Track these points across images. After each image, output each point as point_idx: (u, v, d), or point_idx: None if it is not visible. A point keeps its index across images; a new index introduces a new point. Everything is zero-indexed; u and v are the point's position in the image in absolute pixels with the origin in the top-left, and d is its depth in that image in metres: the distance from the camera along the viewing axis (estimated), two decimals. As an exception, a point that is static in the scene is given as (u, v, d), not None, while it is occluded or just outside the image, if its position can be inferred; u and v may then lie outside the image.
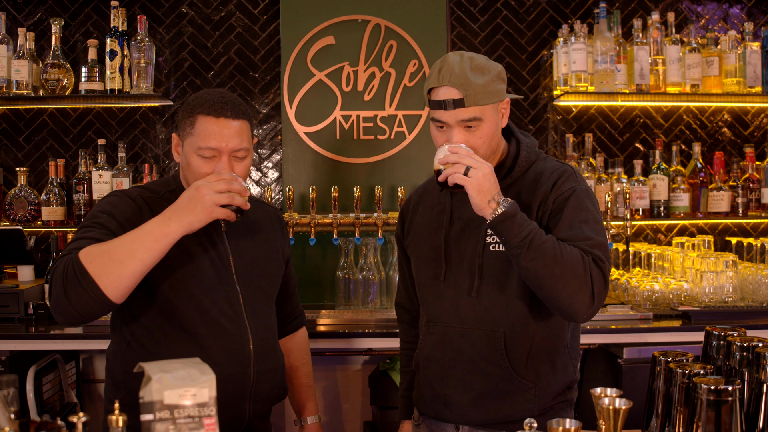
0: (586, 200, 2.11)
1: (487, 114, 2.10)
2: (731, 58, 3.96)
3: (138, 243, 1.91)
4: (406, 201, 2.46)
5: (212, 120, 2.08)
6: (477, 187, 1.97)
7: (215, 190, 1.94)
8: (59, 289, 1.91)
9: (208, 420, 1.39)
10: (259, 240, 2.31)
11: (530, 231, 1.97)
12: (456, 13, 4.13)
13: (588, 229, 2.05)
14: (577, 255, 1.97)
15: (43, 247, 4.03)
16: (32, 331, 3.32)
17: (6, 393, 1.33)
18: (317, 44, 3.94)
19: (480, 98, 2.06)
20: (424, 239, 2.28)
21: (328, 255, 3.92)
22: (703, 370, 1.66)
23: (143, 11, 4.04)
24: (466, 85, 2.05)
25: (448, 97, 2.07)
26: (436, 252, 2.23)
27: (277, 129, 4.10)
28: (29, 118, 4.10)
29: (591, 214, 2.09)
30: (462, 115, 2.07)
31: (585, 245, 2.01)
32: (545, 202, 2.12)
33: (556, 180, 2.14)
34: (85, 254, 1.90)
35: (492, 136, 2.12)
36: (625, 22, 4.11)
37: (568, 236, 2.02)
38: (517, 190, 2.18)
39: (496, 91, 2.10)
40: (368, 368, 3.83)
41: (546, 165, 2.21)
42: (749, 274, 3.62)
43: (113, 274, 1.89)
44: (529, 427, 1.58)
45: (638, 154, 4.19)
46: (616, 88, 3.88)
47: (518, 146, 2.22)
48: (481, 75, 2.08)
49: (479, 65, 2.09)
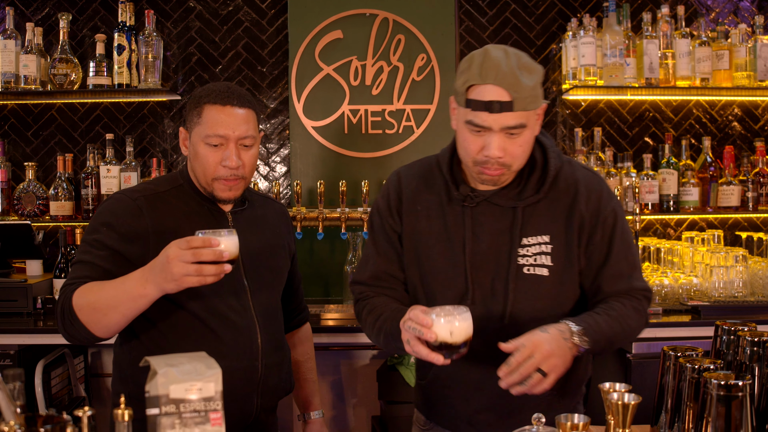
0: (625, 225, 2.05)
1: (531, 120, 1.90)
2: (741, 52, 3.93)
3: (119, 299, 1.96)
4: (395, 181, 2.20)
5: (219, 108, 2.10)
6: (561, 369, 1.80)
7: (184, 261, 1.85)
8: (59, 324, 2.05)
9: (214, 414, 1.39)
10: (266, 235, 2.32)
11: (606, 334, 1.90)
12: (464, 7, 4.11)
13: (636, 273, 2.04)
14: (638, 316, 2.00)
15: (52, 242, 4.03)
16: (41, 325, 3.33)
17: (12, 387, 1.33)
18: (325, 38, 3.93)
19: (528, 102, 1.86)
20: (438, 253, 2.06)
21: (336, 249, 3.91)
22: (712, 365, 1.65)
23: (151, 6, 4.03)
24: (516, 86, 1.83)
25: (494, 98, 1.84)
26: (456, 270, 2.03)
27: (285, 123, 4.09)
28: (37, 113, 4.10)
29: (633, 248, 2.06)
30: (508, 120, 1.85)
31: (639, 294, 2.02)
32: (592, 231, 2.01)
33: (597, 206, 2.02)
34: (76, 300, 1.99)
35: (530, 144, 1.94)
36: (635, 15, 4.09)
37: (623, 288, 2.01)
38: (549, 203, 2.02)
39: (539, 95, 1.91)
40: (376, 363, 3.82)
41: (576, 174, 2.05)
42: (759, 269, 3.60)
43: (100, 323, 1.99)
44: (537, 421, 1.57)
45: (648, 148, 4.17)
46: (625, 82, 3.86)
47: (545, 152, 2.04)
48: (529, 75, 1.87)
49: (526, 64, 1.88)
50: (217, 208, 2.22)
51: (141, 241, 2.09)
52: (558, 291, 2.01)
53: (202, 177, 2.15)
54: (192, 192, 2.21)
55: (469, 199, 2.03)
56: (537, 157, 2.02)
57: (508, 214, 2.01)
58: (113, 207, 2.15)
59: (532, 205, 2.00)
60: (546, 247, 1.99)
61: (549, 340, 1.79)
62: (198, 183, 2.19)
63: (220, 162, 2.11)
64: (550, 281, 1.99)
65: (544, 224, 2.00)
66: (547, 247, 1.99)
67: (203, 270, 1.85)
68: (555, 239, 1.99)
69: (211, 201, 2.21)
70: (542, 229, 2.00)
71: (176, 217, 2.15)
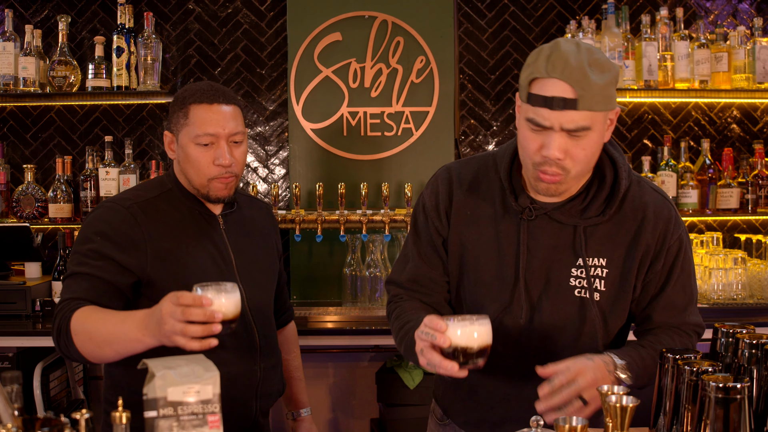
0: (689, 255, 1.94)
1: (597, 123, 1.74)
2: (740, 54, 3.93)
3: (117, 338, 1.89)
4: (446, 178, 2.03)
5: (206, 107, 2.09)
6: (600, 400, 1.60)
7: (174, 318, 1.72)
8: (54, 340, 1.99)
9: (212, 417, 1.39)
10: (256, 237, 2.31)
11: (650, 371, 1.79)
12: (463, 9, 4.12)
13: (691, 308, 1.94)
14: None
15: (51, 244, 4.03)
16: (39, 327, 3.32)
17: (10, 389, 1.33)
18: (324, 41, 3.93)
19: (596, 102, 1.70)
20: (486, 264, 1.95)
21: (335, 252, 3.91)
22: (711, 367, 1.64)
23: (150, 8, 4.04)
24: (583, 83, 1.69)
25: (558, 94, 1.70)
26: (504, 284, 1.93)
27: (284, 126, 4.09)
28: (36, 115, 4.10)
29: (693, 280, 1.95)
30: (571, 120, 1.70)
31: (690, 329, 1.94)
32: (655, 259, 1.90)
33: (664, 234, 1.89)
34: (74, 325, 1.93)
35: (596, 150, 1.79)
36: (634, 17, 4.09)
37: (675, 322, 1.92)
38: (613, 226, 1.90)
39: (611, 96, 1.75)
40: (375, 365, 3.82)
41: (644, 197, 1.91)
42: (758, 271, 3.60)
43: (93, 353, 1.94)
44: (536, 424, 1.57)
45: (646, 150, 4.17)
46: (624, 84, 3.86)
47: (616, 170, 1.88)
48: (600, 73, 1.71)
49: (599, 60, 1.73)
50: (208, 211, 2.19)
51: (138, 250, 2.05)
52: (605, 318, 1.92)
53: (196, 179, 2.13)
54: (181, 196, 2.18)
55: (527, 212, 1.90)
56: (607, 174, 1.88)
57: (568, 232, 1.90)
58: (106, 216, 2.09)
59: (594, 226, 1.88)
60: (602, 271, 1.89)
61: (594, 369, 1.71)
62: (190, 185, 2.17)
63: (213, 161, 2.09)
64: (600, 307, 1.90)
65: (604, 248, 1.89)
66: (603, 272, 1.89)
67: (187, 330, 1.71)
68: (611, 264, 1.89)
69: (201, 204, 2.18)
70: (601, 252, 1.89)
71: (169, 225, 2.12)
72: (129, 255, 2.04)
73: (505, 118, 4.13)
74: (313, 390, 3.82)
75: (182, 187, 2.19)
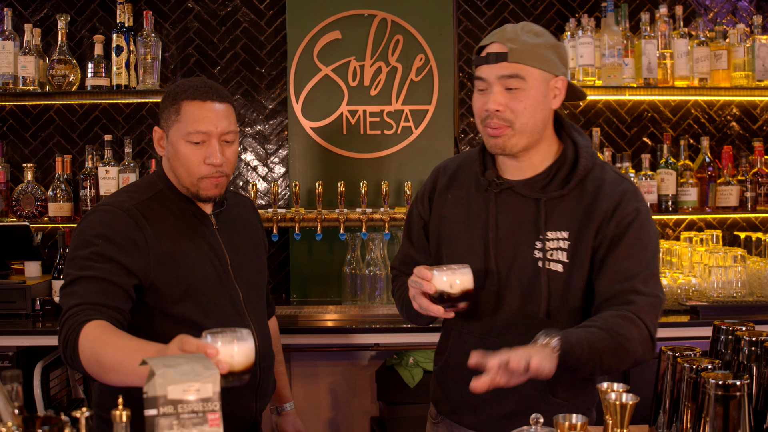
0: (645, 226, 1.97)
1: (533, 78, 1.92)
2: (740, 52, 3.93)
3: (125, 368, 1.77)
4: (435, 170, 2.24)
5: (199, 104, 2.05)
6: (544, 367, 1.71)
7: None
8: (62, 351, 1.91)
9: (212, 415, 1.39)
10: (246, 235, 2.29)
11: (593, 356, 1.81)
12: (462, 7, 4.11)
13: (644, 275, 1.92)
14: (636, 332, 1.85)
15: (50, 243, 4.03)
16: (39, 326, 3.33)
17: (10, 388, 1.33)
18: (323, 39, 3.93)
19: (525, 56, 1.91)
20: (459, 238, 2.09)
21: (334, 250, 3.91)
22: (711, 364, 1.65)
23: (149, 7, 4.04)
24: (514, 40, 1.91)
25: (491, 51, 1.93)
26: (474, 256, 2.03)
27: (284, 124, 4.09)
28: (36, 114, 4.10)
29: (649, 251, 1.96)
30: (502, 70, 1.91)
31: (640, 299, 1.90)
32: (606, 225, 1.95)
33: (619, 201, 1.96)
34: (83, 343, 1.84)
35: (535, 106, 1.94)
36: (633, 15, 4.09)
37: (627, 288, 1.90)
38: (573, 199, 2.00)
39: (547, 58, 1.93)
40: (375, 363, 3.82)
41: (605, 176, 2.02)
42: (758, 269, 3.60)
43: (98, 375, 1.86)
44: (535, 421, 1.57)
45: (646, 148, 4.17)
46: (623, 82, 3.86)
47: (576, 150, 2.03)
48: (534, 36, 1.94)
49: (534, 29, 1.96)
50: (200, 210, 2.16)
51: (141, 253, 2.00)
52: (569, 288, 1.97)
53: (186, 177, 2.09)
54: (173, 196, 2.14)
55: (493, 185, 2.05)
56: (569, 153, 2.02)
57: (532, 206, 2.01)
58: (105, 219, 2.03)
59: (555, 200, 1.99)
60: (564, 243, 1.97)
61: (540, 356, 1.73)
62: (180, 184, 2.13)
63: (204, 160, 2.05)
64: (564, 277, 1.97)
65: (566, 221, 1.98)
66: (565, 243, 1.97)
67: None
68: (573, 236, 1.97)
69: (193, 203, 2.15)
70: (563, 225, 1.98)
71: (166, 227, 2.08)
72: (132, 258, 1.99)
73: (505, 116, 4.13)
74: (313, 388, 3.83)
75: (173, 187, 2.15)
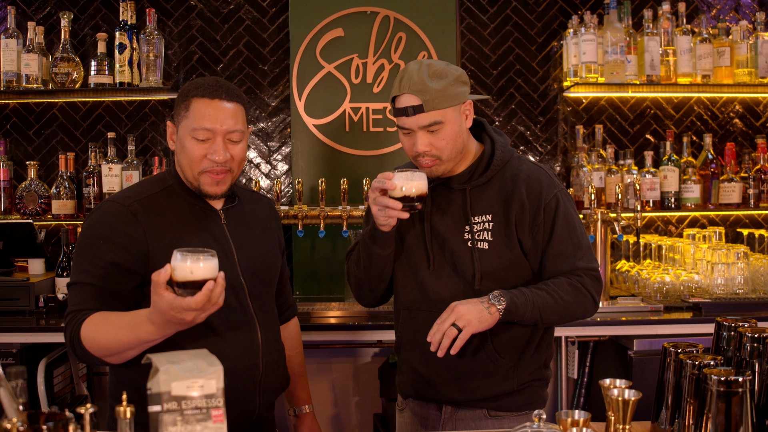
0: (570, 210, 2.27)
1: (449, 117, 2.17)
2: (743, 49, 3.93)
3: (133, 344, 1.97)
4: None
5: (207, 101, 2.09)
6: (476, 324, 2.05)
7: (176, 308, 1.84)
8: (73, 354, 2.05)
9: (216, 411, 1.39)
10: (258, 230, 2.31)
11: (534, 306, 2.12)
12: (465, 5, 4.11)
13: (580, 254, 2.23)
14: (575, 292, 2.18)
15: (54, 241, 4.04)
16: (43, 324, 3.34)
17: (14, 384, 1.34)
18: (326, 36, 3.93)
19: (438, 102, 2.14)
20: (406, 231, 2.33)
21: (337, 247, 3.92)
22: (713, 361, 1.65)
23: (152, 4, 4.04)
24: (424, 90, 2.13)
25: (408, 104, 2.15)
26: (418, 243, 2.30)
27: (287, 121, 4.10)
28: (39, 112, 4.11)
29: (578, 231, 2.26)
30: (422, 120, 2.15)
31: (580, 272, 2.22)
32: (537, 215, 2.23)
33: (539, 192, 2.24)
34: (85, 337, 1.99)
35: (455, 137, 2.20)
36: (636, 12, 4.09)
37: (566, 268, 2.21)
38: (494, 187, 2.27)
39: (455, 94, 2.17)
40: (378, 360, 3.83)
41: (521, 166, 2.30)
42: (761, 266, 3.60)
43: (113, 359, 2.02)
44: (538, 418, 1.57)
45: (649, 145, 4.17)
46: (626, 79, 3.86)
47: (493, 145, 2.31)
48: (438, 80, 2.15)
49: (437, 71, 2.17)
50: (209, 206, 2.19)
51: (139, 248, 2.06)
52: (499, 265, 2.22)
53: (189, 171, 2.13)
54: (182, 191, 2.18)
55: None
56: (487, 149, 2.30)
57: (459, 196, 2.28)
58: (107, 218, 2.11)
59: (479, 188, 2.27)
60: (488, 224, 2.24)
61: (464, 303, 2.08)
62: (185, 178, 2.17)
63: (206, 155, 2.09)
64: (490, 255, 2.22)
65: (488, 205, 2.26)
66: (489, 225, 2.24)
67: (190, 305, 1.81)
68: (495, 219, 2.24)
69: (202, 199, 2.18)
70: (486, 209, 2.25)
71: (171, 220, 2.12)
72: (131, 254, 2.05)
73: (507, 113, 4.13)
74: (317, 385, 3.83)
75: (182, 183, 2.19)
